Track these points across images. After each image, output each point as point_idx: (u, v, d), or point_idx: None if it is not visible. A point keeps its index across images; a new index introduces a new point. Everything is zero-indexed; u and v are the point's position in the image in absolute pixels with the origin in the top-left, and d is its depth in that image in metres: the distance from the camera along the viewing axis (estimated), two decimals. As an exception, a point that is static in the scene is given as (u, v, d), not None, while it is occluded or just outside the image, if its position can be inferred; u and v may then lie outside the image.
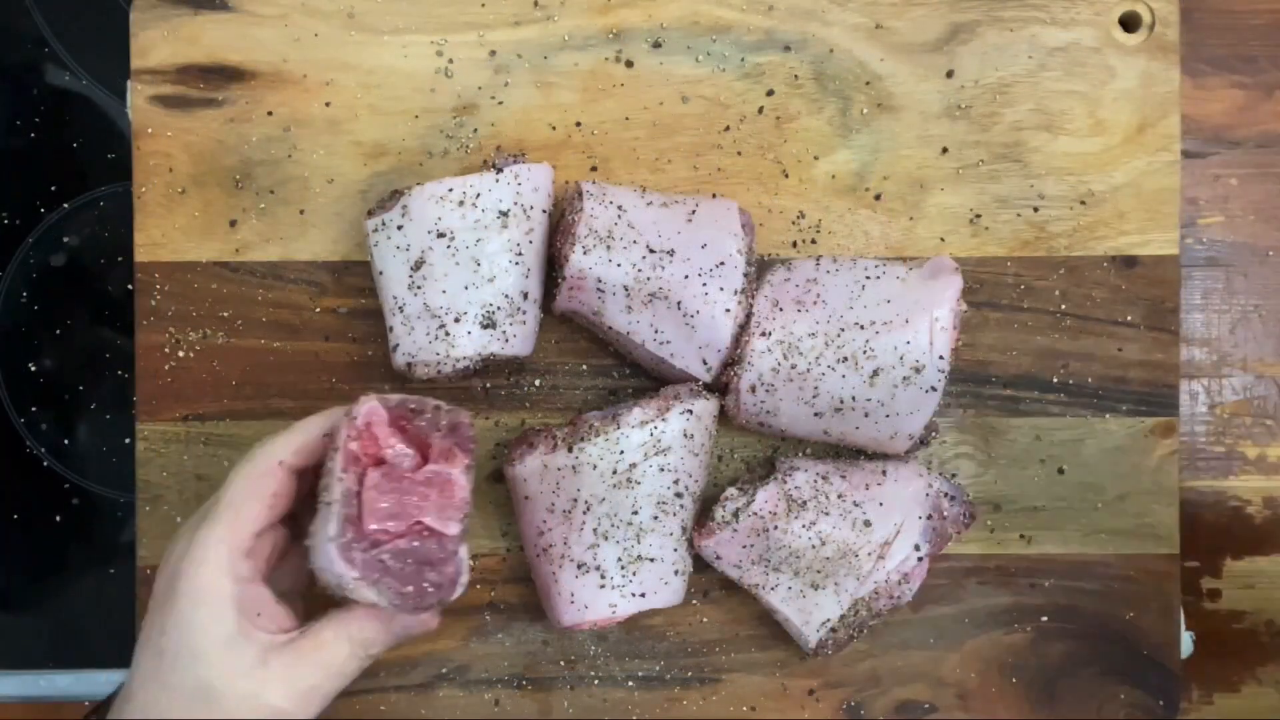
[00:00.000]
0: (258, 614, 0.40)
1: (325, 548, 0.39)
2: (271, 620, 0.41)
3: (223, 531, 0.40)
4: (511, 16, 0.50)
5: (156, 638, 0.40)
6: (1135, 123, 0.51)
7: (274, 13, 0.50)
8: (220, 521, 0.40)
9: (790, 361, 0.46)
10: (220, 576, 0.40)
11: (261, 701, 0.39)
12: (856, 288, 0.48)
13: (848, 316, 0.47)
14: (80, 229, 0.64)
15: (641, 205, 0.47)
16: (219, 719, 0.39)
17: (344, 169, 0.50)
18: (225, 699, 0.39)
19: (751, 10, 0.50)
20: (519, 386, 0.51)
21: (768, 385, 0.47)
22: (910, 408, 0.46)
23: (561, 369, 0.51)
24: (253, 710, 0.39)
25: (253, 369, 0.50)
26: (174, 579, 0.40)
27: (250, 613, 0.40)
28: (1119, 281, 0.51)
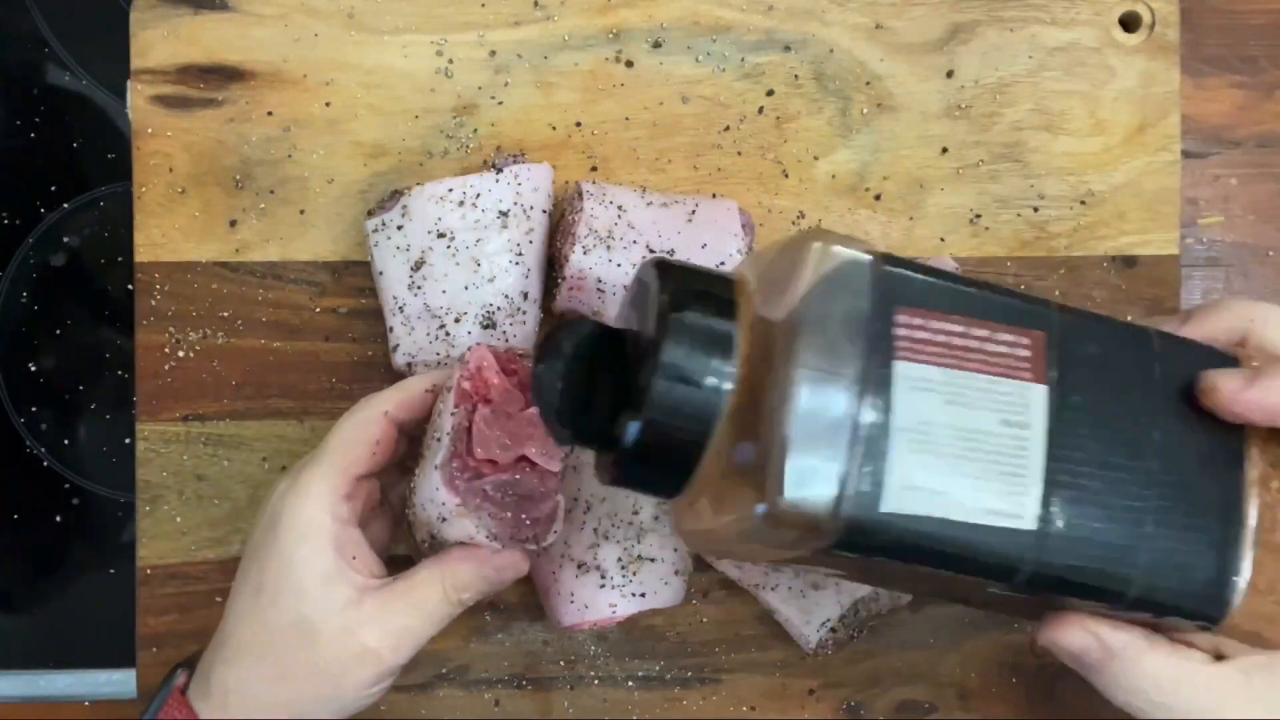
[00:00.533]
0: (354, 556, 0.41)
1: (431, 475, 0.40)
2: (366, 566, 0.41)
3: (326, 471, 0.41)
4: (511, 16, 0.50)
5: (256, 574, 0.41)
6: (1135, 123, 0.51)
7: (274, 13, 0.50)
8: (324, 463, 0.41)
9: (790, 361, 0.46)
10: (322, 513, 0.41)
11: (355, 639, 0.40)
12: (856, 288, 0.48)
13: (848, 316, 0.47)
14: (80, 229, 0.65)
15: (641, 205, 0.47)
16: (313, 655, 0.40)
17: (344, 169, 0.50)
18: (321, 635, 0.40)
19: (751, 10, 0.50)
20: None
21: (768, 385, 0.47)
22: (910, 408, 0.46)
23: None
24: (346, 648, 0.40)
25: (253, 369, 0.50)
26: (275, 517, 0.41)
27: (347, 554, 0.41)
28: (1119, 281, 0.51)
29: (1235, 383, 0.35)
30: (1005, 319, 0.34)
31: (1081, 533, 0.33)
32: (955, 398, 0.33)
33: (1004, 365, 0.34)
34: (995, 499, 0.33)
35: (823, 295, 0.33)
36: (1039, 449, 0.33)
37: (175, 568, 0.50)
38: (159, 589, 0.50)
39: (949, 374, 0.33)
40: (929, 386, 0.32)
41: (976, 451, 0.33)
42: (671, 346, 0.33)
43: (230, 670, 0.40)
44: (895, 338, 0.33)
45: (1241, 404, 0.35)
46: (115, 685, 0.64)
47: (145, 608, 0.50)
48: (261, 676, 0.40)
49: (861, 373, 0.32)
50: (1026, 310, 0.35)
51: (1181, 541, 0.34)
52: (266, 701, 0.40)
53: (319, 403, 0.50)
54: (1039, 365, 0.34)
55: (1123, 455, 0.34)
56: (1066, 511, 0.33)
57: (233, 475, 0.50)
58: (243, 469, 0.50)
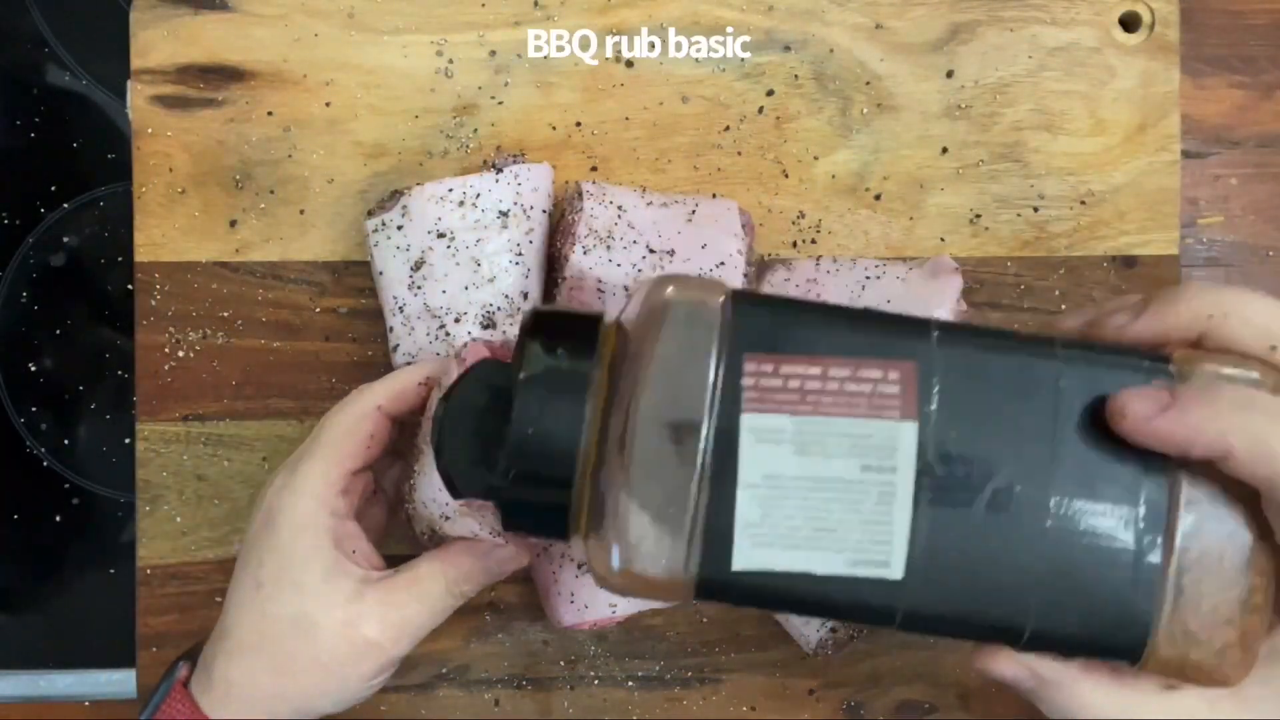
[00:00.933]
0: (353, 550, 0.41)
1: (432, 476, 0.40)
2: (365, 559, 0.42)
3: (321, 466, 0.41)
4: (511, 16, 0.50)
5: (255, 569, 0.41)
6: (1135, 123, 0.51)
7: (274, 13, 0.50)
8: (319, 457, 0.41)
9: (790, 361, 0.46)
10: (318, 509, 0.41)
11: (357, 632, 0.40)
12: (856, 288, 0.48)
13: (848, 316, 0.47)
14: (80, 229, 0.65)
15: (641, 205, 0.47)
16: (315, 649, 0.40)
17: (344, 169, 0.50)
18: (322, 629, 0.40)
19: (751, 10, 0.50)
20: (519, 386, 0.51)
21: (768, 385, 0.47)
22: (910, 408, 0.46)
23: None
24: (348, 641, 0.40)
25: (253, 369, 0.50)
26: (272, 513, 0.41)
27: (346, 549, 0.41)
28: (1119, 281, 0.51)
29: (1146, 406, 0.30)
30: (871, 352, 0.32)
31: (958, 579, 0.31)
32: (808, 446, 0.31)
33: (867, 404, 0.31)
34: (857, 550, 0.31)
35: (669, 346, 0.32)
36: (906, 493, 0.31)
37: (175, 568, 0.50)
38: (159, 589, 0.50)
39: (801, 421, 0.31)
40: (778, 438, 0.31)
41: (834, 502, 0.31)
42: (525, 395, 0.32)
43: (231, 664, 0.41)
44: (742, 388, 0.31)
45: (1150, 432, 0.30)
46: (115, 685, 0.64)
47: (145, 608, 0.50)
48: (263, 670, 0.40)
49: (707, 428, 0.31)
50: (897, 340, 0.32)
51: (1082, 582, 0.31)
52: (268, 694, 0.40)
53: (319, 403, 0.50)
54: (909, 400, 0.31)
55: (1009, 493, 0.31)
56: (941, 557, 0.31)
57: (233, 475, 0.50)
58: (243, 469, 0.50)
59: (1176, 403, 0.30)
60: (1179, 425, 0.30)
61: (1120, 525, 0.31)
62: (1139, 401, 0.30)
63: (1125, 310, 0.34)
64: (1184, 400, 0.30)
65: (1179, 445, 0.30)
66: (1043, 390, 0.32)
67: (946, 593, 0.31)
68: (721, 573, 0.31)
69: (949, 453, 0.31)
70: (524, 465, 0.32)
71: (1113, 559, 0.31)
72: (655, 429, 0.31)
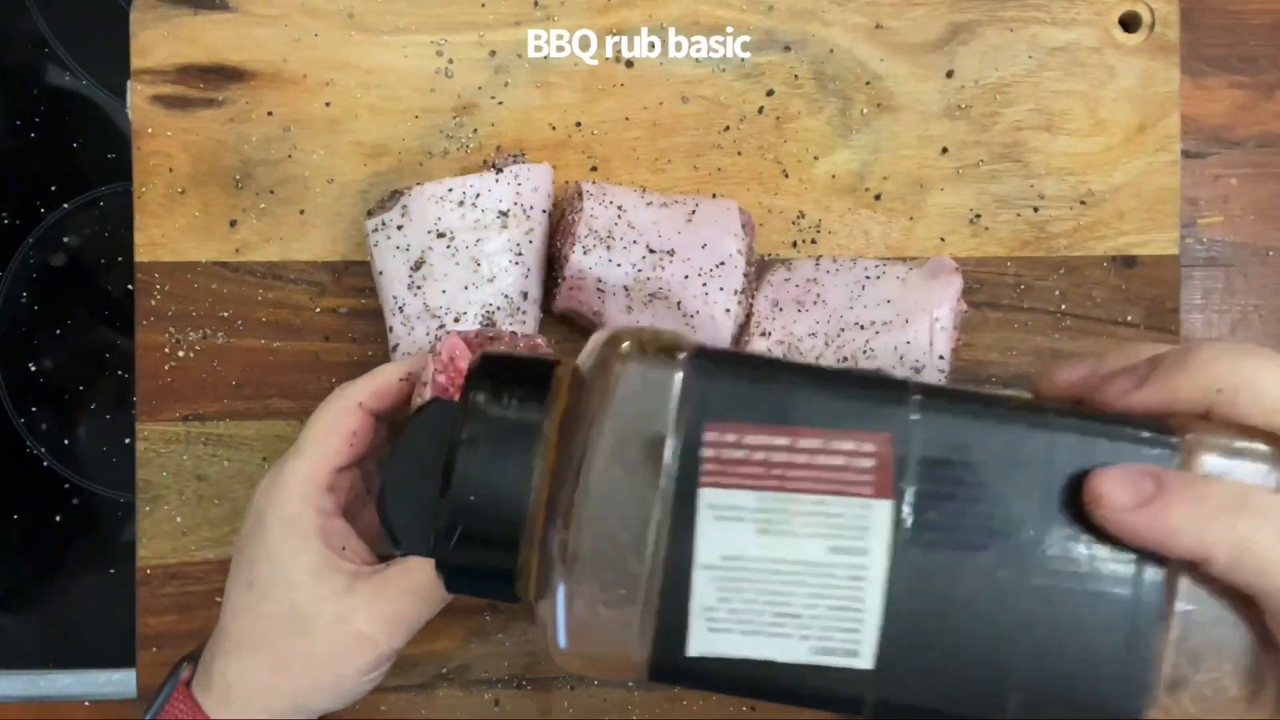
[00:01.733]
0: (343, 547, 0.41)
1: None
2: (356, 554, 0.42)
3: (305, 466, 0.41)
4: (511, 16, 0.50)
5: (247, 570, 0.41)
6: (1135, 123, 0.51)
7: (274, 13, 0.50)
8: (303, 457, 0.42)
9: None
10: (304, 507, 0.41)
11: (350, 627, 0.40)
12: (856, 288, 0.48)
13: (848, 317, 0.47)
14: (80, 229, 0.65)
15: (641, 205, 0.47)
16: (309, 645, 0.40)
17: (344, 169, 0.50)
18: (315, 625, 0.40)
19: (751, 10, 0.50)
20: (519, 386, 0.51)
21: (768, 385, 0.47)
22: (910, 408, 0.46)
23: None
24: (341, 635, 0.40)
25: (253, 369, 0.50)
26: (260, 513, 0.41)
27: (335, 545, 0.41)
28: (1119, 281, 0.51)
29: (1124, 496, 0.27)
30: (844, 421, 0.29)
31: (936, 669, 0.28)
32: (772, 525, 0.28)
33: (838, 480, 0.28)
34: (824, 638, 0.28)
35: (621, 410, 0.29)
36: (879, 577, 0.28)
37: (175, 568, 0.50)
38: (159, 589, 0.50)
39: (765, 498, 0.28)
40: (738, 515, 0.28)
41: (799, 586, 0.28)
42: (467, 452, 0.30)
43: (230, 663, 0.41)
44: (702, 459, 0.28)
45: (1125, 527, 0.27)
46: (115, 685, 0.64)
47: (145, 608, 0.50)
48: (260, 668, 0.40)
49: (661, 503, 0.28)
50: (873, 407, 0.29)
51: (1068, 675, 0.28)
52: (266, 692, 0.40)
53: (319, 403, 0.50)
54: (884, 476, 0.28)
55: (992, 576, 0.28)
56: (916, 645, 0.28)
57: (233, 475, 0.50)
58: (243, 469, 0.50)
59: (1158, 496, 0.27)
60: (1155, 524, 0.27)
61: (1111, 615, 0.28)
62: (1117, 488, 0.27)
63: (1128, 374, 0.31)
64: (1166, 495, 0.27)
65: (1156, 545, 0.27)
66: (1032, 464, 0.29)
67: (922, 682, 0.29)
68: (675, 657, 0.29)
69: (927, 532, 0.28)
70: (464, 528, 0.30)
71: (1103, 651, 0.28)
72: (604, 502, 0.28)
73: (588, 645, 0.29)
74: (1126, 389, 0.31)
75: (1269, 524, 0.27)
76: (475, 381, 0.31)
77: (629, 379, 0.29)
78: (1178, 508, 0.27)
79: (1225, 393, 0.29)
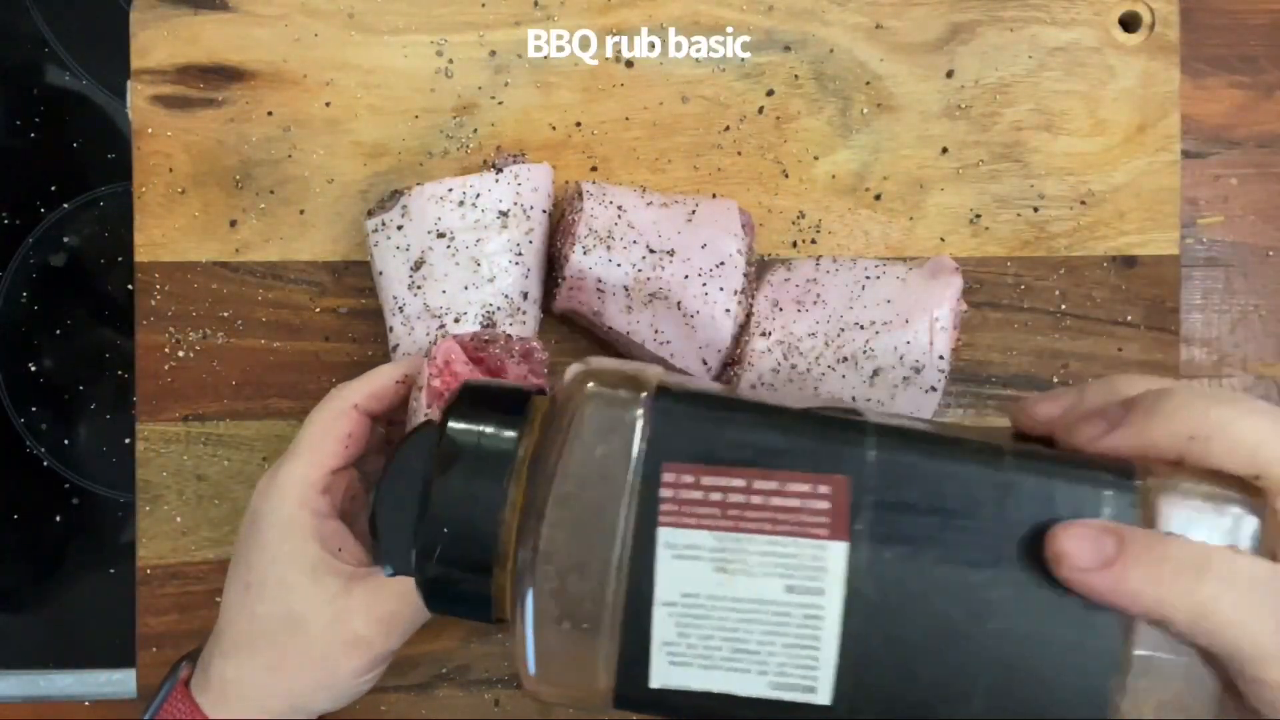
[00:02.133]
0: (339, 548, 0.41)
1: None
2: (352, 555, 0.42)
3: (301, 468, 0.42)
4: (511, 16, 0.50)
5: (244, 573, 0.41)
6: (1135, 123, 0.51)
7: (274, 13, 0.50)
8: (298, 459, 0.42)
9: (790, 361, 0.46)
10: (300, 510, 0.41)
11: (346, 628, 0.40)
12: (856, 288, 0.48)
13: (848, 316, 0.47)
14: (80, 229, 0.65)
15: (641, 205, 0.47)
16: (305, 646, 0.40)
17: (344, 169, 0.50)
18: (311, 626, 0.40)
19: (751, 10, 0.50)
20: (519, 386, 0.51)
21: (768, 385, 0.47)
22: (910, 408, 0.46)
23: (561, 369, 0.51)
24: (337, 636, 0.40)
25: (253, 369, 0.50)
26: (256, 514, 0.42)
27: (331, 546, 0.41)
28: (1119, 281, 0.51)
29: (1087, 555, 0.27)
30: (801, 463, 0.29)
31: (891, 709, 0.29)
32: (729, 565, 0.29)
33: (794, 522, 0.29)
34: (780, 675, 0.29)
35: (583, 450, 0.30)
36: (835, 616, 0.28)
37: (175, 568, 0.50)
38: (159, 589, 0.50)
39: (722, 538, 0.29)
40: (695, 554, 0.29)
41: (756, 623, 0.29)
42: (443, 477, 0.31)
43: (228, 663, 0.41)
44: (660, 499, 0.29)
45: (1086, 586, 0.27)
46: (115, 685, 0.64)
47: (145, 608, 0.50)
48: (257, 668, 0.41)
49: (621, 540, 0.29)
50: (830, 450, 0.29)
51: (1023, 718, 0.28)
52: (263, 692, 0.40)
53: (319, 402, 0.50)
54: (839, 518, 0.29)
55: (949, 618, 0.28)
56: (872, 684, 0.29)
57: (233, 475, 0.50)
58: (243, 469, 0.50)
59: (1119, 557, 0.27)
60: (1116, 586, 0.27)
61: (1070, 662, 0.28)
62: (1079, 547, 0.27)
63: (1101, 417, 0.31)
64: (1126, 556, 0.27)
65: (1115, 606, 0.27)
66: (990, 507, 0.29)
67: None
68: (638, 689, 0.29)
69: (883, 573, 0.28)
70: (440, 550, 0.31)
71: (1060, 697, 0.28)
72: (568, 536, 0.29)
73: (555, 673, 0.30)
74: (1098, 434, 0.30)
75: (1231, 588, 0.26)
76: (453, 410, 0.32)
77: (592, 418, 0.30)
78: (1136, 570, 0.27)
79: (1197, 440, 0.28)
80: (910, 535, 0.29)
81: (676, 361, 0.47)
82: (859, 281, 0.48)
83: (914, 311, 0.46)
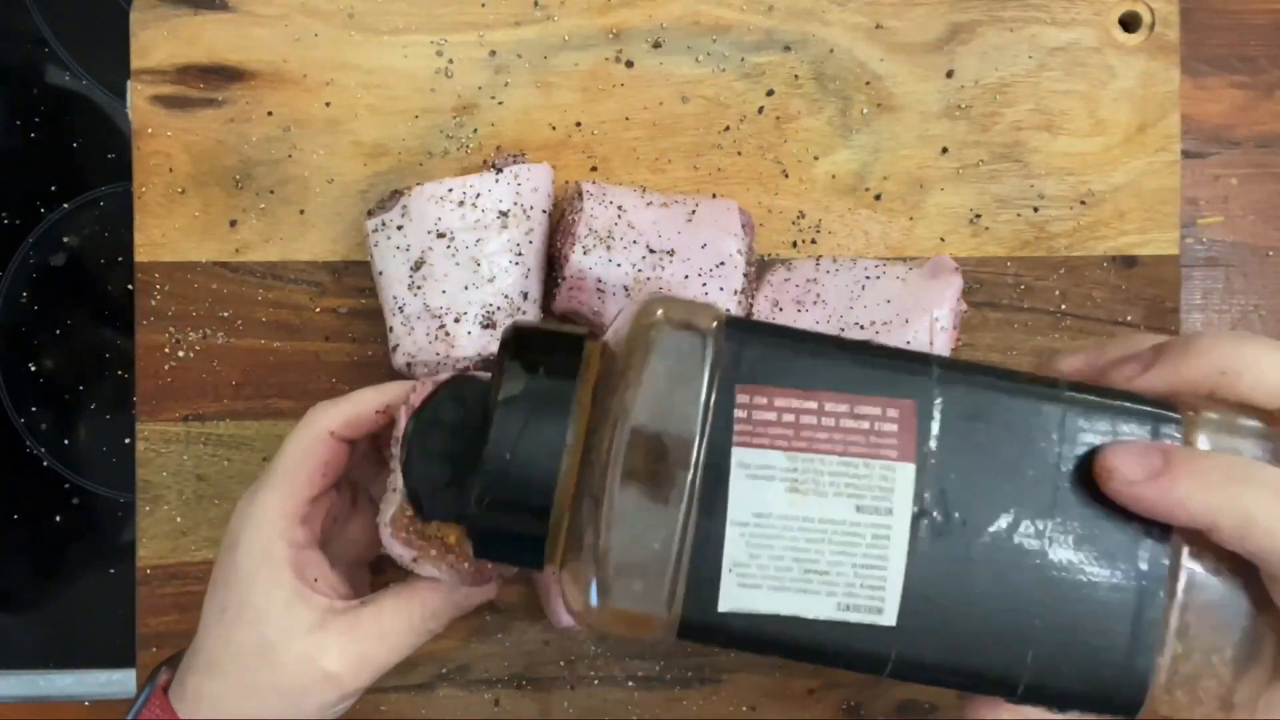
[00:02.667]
0: (315, 579, 0.41)
1: (382, 530, 0.40)
2: (330, 587, 0.41)
3: (276, 497, 0.41)
4: (511, 16, 0.50)
5: (220, 595, 0.41)
6: (1135, 123, 0.51)
7: (274, 13, 0.50)
8: (273, 487, 0.41)
9: (790, 361, 0.46)
10: (275, 539, 0.40)
11: (317, 664, 0.40)
12: (856, 288, 0.48)
13: (848, 317, 0.47)
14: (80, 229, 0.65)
15: (641, 205, 0.47)
16: (276, 677, 0.40)
17: (344, 169, 0.50)
18: (283, 658, 0.40)
19: (751, 10, 0.50)
20: (519, 386, 0.51)
21: (768, 385, 0.47)
22: (910, 408, 0.46)
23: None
24: (308, 671, 0.40)
25: (253, 369, 0.50)
26: (234, 540, 0.41)
27: (307, 577, 0.41)
28: (1119, 281, 0.51)
29: (1134, 469, 0.29)
30: (869, 389, 0.30)
31: (954, 629, 0.30)
32: (801, 484, 0.29)
33: (864, 443, 0.30)
34: (849, 595, 0.30)
35: (657, 372, 0.30)
36: (902, 537, 0.29)
37: (175, 568, 0.50)
38: (159, 589, 0.50)
39: (795, 458, 0.29)
40: (769, 474, 0.29)
41: (826, 543, 0.29)
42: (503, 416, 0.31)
43: (202, 681, 0.41)
44: (734, 420, 0.30)
45: (1135, 498, 0.29)
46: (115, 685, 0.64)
47: (145, 608, 0.50)
48: (228, 690, 0.40)
49: (695, 461, 0.29)
50: (897, 377, 0.31)
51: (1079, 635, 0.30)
52: (234, 710, 0.40)
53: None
54: (907, 440, 0.30)
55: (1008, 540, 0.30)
56: (935, 605, 0.30)
57: (233, 475, 0.50)
58: (243, 469, 0.50)
59: (1167, 470, 0.29)
60: (1164, 495, 0.29)
61: (1121, 579, 0.30)
62: (1128, 462, 0.29)
63: (1134, 359, 0.33)
64: (1174, 468, 0.29)
65: (1163, 515, 0.29)
66: (1046, 434, 0.30)
67: (941, 641, 0.30)
68: (706, 614, 0.30)
69: (947, 496, 0.30)
70: (499, 491, 0.31)
71: (1113, 613, 0.30)
72: (640, 460, 0.29)
73: (620, 604, 0.30)
74: (1133, 373, 0.33)
75: (1270, 493, 0.28)
76: (510, 351, 0.32)
77: (664, 342, 0.30)
78: (1184, 480, 0.29)
79: (1228, 375, 0.31)
80: (972, 458, 0.30)
81: (676, 361, 0.47)
82: (859, 281, 0.48)
83: (914, 311, 0.46)
